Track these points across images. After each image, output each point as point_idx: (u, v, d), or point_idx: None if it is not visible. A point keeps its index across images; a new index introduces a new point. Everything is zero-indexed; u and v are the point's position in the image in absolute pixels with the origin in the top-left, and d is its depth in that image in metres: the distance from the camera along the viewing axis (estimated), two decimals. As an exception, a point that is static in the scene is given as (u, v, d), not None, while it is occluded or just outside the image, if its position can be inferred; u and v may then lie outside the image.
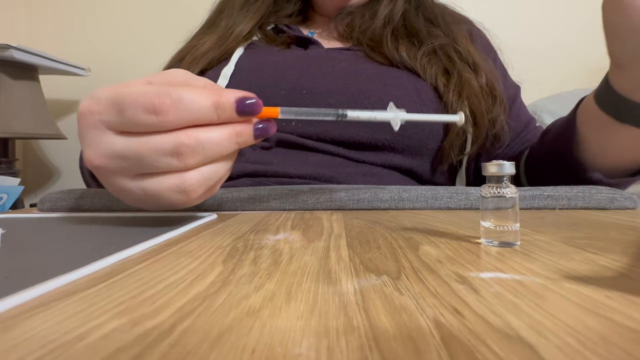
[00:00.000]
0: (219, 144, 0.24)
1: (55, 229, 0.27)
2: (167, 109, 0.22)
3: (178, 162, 0.23)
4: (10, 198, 0.96)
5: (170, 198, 0.24)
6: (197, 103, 0.23)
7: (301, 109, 0.27)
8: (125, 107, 0.22)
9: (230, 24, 0.59)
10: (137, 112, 0.22)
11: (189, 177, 0.24)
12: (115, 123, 0.23)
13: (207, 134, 0.23)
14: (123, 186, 0.25)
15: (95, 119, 0.23)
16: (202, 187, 0.25)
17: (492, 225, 0.20)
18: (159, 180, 0.24)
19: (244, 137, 0.25)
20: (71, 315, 0.12)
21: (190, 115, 0.23)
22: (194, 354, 0.09)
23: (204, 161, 0.24)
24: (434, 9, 0.59)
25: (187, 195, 0.24)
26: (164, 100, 0.22)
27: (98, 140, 0.24)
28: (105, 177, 0.25)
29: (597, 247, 0.20)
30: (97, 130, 0.23)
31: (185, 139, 0.23)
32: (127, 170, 0.24)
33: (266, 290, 0.14)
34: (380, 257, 0.18)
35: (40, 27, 1.48)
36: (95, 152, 0.24)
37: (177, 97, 0.22)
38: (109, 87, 0.24)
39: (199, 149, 0.23)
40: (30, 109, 1.15)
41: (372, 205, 0.36)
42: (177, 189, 0.24)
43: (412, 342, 0.10)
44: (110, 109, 0.23)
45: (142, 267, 0.17)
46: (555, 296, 0.13)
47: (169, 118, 0.22)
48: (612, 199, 0.36)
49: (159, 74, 0.26)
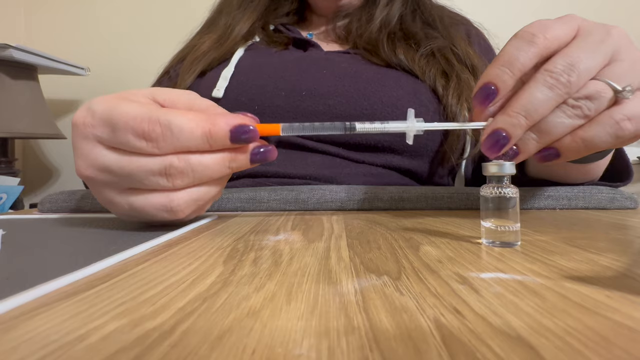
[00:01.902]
0: (210, 168, 0.24)
1: (56, 230, 0.27)
2: (156, 137, 0.22)
3: (166, 182, 0.23)
4: (9, 198, 0.96)
5: (157, 215, 0.24)
6: (186, 132, 0.22)
7: (305, 124, 0.25)
8: (116, 128, 0.22)
9: (229, 23, 0.59)
10: (128, 136, 0.22)
11: (176, 197, 0.24)
12: (107, 140, 0.23)
13: (198, 157, 0.23)
14: (111, 199, 0.25)
15: (89, 132, 0.23)
16: (190, 208, 0.25)
17: (492, 225, 0.20)
18: (146, 197, 0.24)
19: (237, 162, 0.24)
20: (72, 316, 0.12)
21: (179, 144, 0.22)
22: (194, 354, 0.09)
23: (193, 183, 0.24)
24: (432, 11, 0.59)
25: (174, 215, 0.24)
26: (154, 127, 0.22)
27: (88, 152, 0.24)
28: (94, 187, 0.25)
29: (598, 247, 0.20)
30: (89, 142, 0.23)
31: (175, 160, 0.23)
32: (116, 184, 0.24)
33: (267, 291, 0.14)
34: (380, 258, 0.18)
35: (40, 26, 1.48)
36: (85, 162, 0.24)
37: (166, 124, 0.22)
38: (106, 98, 0.24)
39: (189, 171, 0.23)
40: (30, 108, 1.15)
41: (372, 206, 0.36)
42: (164, 207, 0.24)
43: (412, 342, 0.10)
44: (103, 126, 0.23)
45: (142, 268, 0.17)
46: (555, 296, 0.13)
47: (159, 145, 0.22)
48: (612, 199, 0.36)
49: (166, 91, 0.26)
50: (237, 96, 0.49)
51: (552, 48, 0.24)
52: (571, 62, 0.23)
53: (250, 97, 0.49)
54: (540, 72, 0.23)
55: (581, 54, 0.23)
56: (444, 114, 0.48)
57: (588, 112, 0.23)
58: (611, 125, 0.23)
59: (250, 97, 0.49)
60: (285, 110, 0.48)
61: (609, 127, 0.23)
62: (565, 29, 0.25)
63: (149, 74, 0.65)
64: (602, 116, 0.23)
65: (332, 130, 0.26)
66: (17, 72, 1.13)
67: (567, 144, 0.24)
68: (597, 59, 0.23)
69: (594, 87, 0.23)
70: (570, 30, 0.25)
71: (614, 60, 0.24)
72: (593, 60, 0.23)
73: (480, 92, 0.24)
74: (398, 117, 0.46)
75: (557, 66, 0.23)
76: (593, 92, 0.23)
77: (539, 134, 0.24)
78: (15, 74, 1.13)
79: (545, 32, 0.24)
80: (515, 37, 0.25)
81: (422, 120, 0.25)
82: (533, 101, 0.23)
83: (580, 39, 0.24)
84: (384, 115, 0.46)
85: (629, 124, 0.23)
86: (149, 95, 0.25)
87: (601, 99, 0.23)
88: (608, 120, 0.23)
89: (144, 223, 0.29)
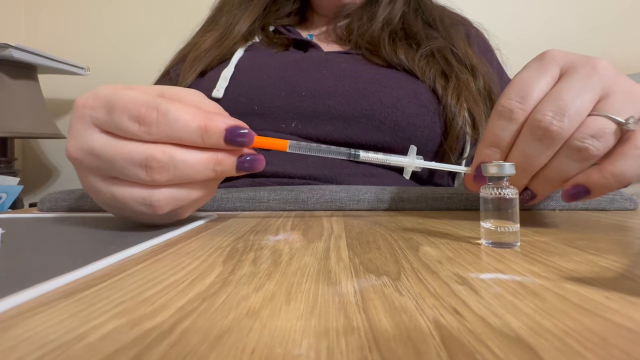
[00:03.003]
0: (193, 168, 0.23)
1: (55, 229, 0.27)
2: (150, 121, 0.22)
3: (145, 175, 0.23)
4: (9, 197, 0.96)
5: (135, 208, 0.24)
6: (182, 122, 0.22)
7: (311, 145, 0.26)
8: (114, 109, 0.22)
9: (230, 21, 0.60)
10: (123, 117, 0.22)
11: (157, 192, 0.23)
12: (102, 122, 0.23)
13: (184, 155, 0.23)
14: (94, 185, 0.25)
15: (86, 113, 0.23)
16: (170, 206, 0.24)
17: (492, 226, 0.20)
18: (127, 189, 0.24)
19: (222, 167, 0.24)
20: (71, 316, 0.12)
21: (172, 133, 0.22)
22: (193, 354, 0.09)
23: (174, 180, 0.23)
24: (433, 11, 0.59)
25: (153, 209, 0.24)
26: (151, 112, 0.22)
27: (81, 134, 0.24)
28: (81, 171, 0.25)
29: (597, 248, 0.20)
30: (85, 124, 0.23)
31: (158, 153, 0.22)
32: (100, 170, 0.24)
33: (266, 291, 0.14)
34: (380, 258, 0.18)
35: (40, 26, 1.48)
36: (76, 143, 0.24)
37: (164, 111, 0.22)
38: (114, 85, 0.24)
39: (170, 167, 0.23)
40: (30, 108, 1.15)
41: (372, 206, 0.36)
42: (143, 200, 0.23)
43: (412, 342, 0.10)
44: (102, 107, 0.23)
45: (141, 268, 0.17)
46: (555, 297, 0.13)
47: (151, 130, 0.22)
48: (612, 200, 0.36)
49: (175, 88, 0.26)
50: (236, 96, 0.49)
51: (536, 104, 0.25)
52: (560, 107, 0.23)
53: (250, 98, 0.49)
54: (528, 124, 0.24)
55: (570, 95, 0.23)
56: (443, 114, 0.48)
57: (597, 151, 0.23)
58: (638, 155, 0.23)
59: (250, 98, 0.49)
60: (284, 111, 0.48)
61: (637, 157, 0.23)
62: (547, 80, 0.25)
63: (149, 73, 0.65)
64: (625, 148, 0.23)
65: (337, 154, 0.27)
66: (16, 72, 1.13)
67: (597, 180, 0.24)
68: (587, 96, 0.23)
69: (595, 124, 0.23)
70: (552, 79, 0.25)
71: (607, 95, 0.24)
72: (583, 98, 0.23)
73: (478, 174, 0.27)
74: (398, 117, 0.46)
75: (546, 114, 0.23)
76: (595, 130, 0.23)
77: (548, 180, 0.25)
78: (14, 74, 1.13)
79: (524, 103, 0.25)
80: (496, 115, 0.26)
81: (421, 158, 0.27)
82: (526, 157, 0.24)
83: (566, 78, 0.24)
84: (384, 115, 0.46)
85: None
86: (157, 90, 0.25)
87: (606, 135, 0.23)
88: (633, 152, 0.23)
89: (143, 222, 0.29)
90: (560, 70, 0.25)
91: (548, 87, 0.25)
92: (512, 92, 0.25)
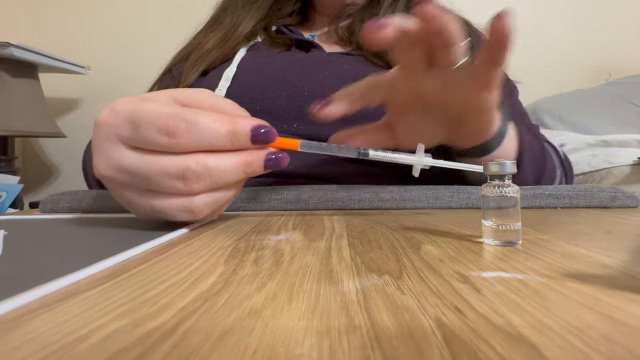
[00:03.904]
0: (227, 173, 0.24)
1: (57, 230, 0.27)
2: (180, 132, 0.22)
3: (184, 186, 0.23)
4: (9, 196, 0.96)
5: (177, 216, 0.25)
6: (212, 129, 0.23)
7: (322, 144, 0.27)
8: (139, 125, 0.23)
9: (234, 22, 0.59)
10: (151, 131, 0.23)
11: (196, 199, 0.24)
12: (129, 139, 0.23)
13: (216, 161, 0.23)
14: (131, 200, 0.25)
15: (111, 132, 0.24)
16: (209, 208, 0.25)
17: (493, 224, 0.20)
18: (166, 200, 0.24)
19: (253, 168, 0.25)
20: (73, 317, 0.12)
21: (203, 141, 0.23)
22: (196, 354, 0.09)
23: (210, 187, 0.24)
24: None
25: (194, 216, 0.25)
26: (179, 123, 0.22)
27: (110, 153, 0.24)
28: (114, 188, 0.26)
29: (599, 246, 0.20)
30: (111, 142, 0.24)
31: (193, 164, 0.23)
32: (135, 185, 0.24)
33: (268, 291, 0.14)
34: (381, 257, 0.18)
35: (40, 25, 1.48)
36: (106, 163, 0.24)
37: (193, 121, 0.23)
38: (129, 99, 0.24)
39: (206, 175, 0.23)
40: (30, 107, 1.15)
41: (373, 205, 0.36)
42: (184, 209, 0.24)
43: (414, 341, 0.10)
44: (125, 124, 0.23)
45: (143, 268, 0.17)
46: (557, 295, 0.13)
47: (181, 141, 0.22)
48: (614, 198, 0.36)
49: (186, 91, 0.26)
50: (239, 96, 0.49)
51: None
52: None
53: (252, 98, 0.49)
54: None
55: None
56: None
57: None
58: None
59: (252, 98, 0.49)
60: (286, 111, 0.48)
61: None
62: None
63: (150, 72, 0.65)
64: None
65: (347, 153, 0.28)
66: (17, 71, 1.13)
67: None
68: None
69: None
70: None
71: None
72: None
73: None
74: None
75: None
76: None
77: None
78: (15, 72, 1.13)
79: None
80: None
81: (430, 156, 0.28)
82: None
83: None
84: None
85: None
86: (170, 96, 0.26)
87: None
88: None
89: (145, 222, 0.29)
90: None
91: None
92: None
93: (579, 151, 0.87)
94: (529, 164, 0.41)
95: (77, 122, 1.45)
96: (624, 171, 0.75)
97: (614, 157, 0.78)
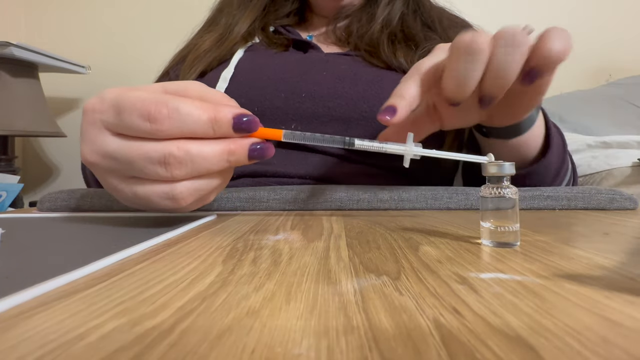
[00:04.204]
0: (209, 160, 0.24)
1: (55, 229, 0.27)
2: (161, 117, 0.22)
3: (165, 172, 0.23)
4: (9, 195, 0.96)
5: (160, 203, 0.25)
6: (194, 116, 0.23)
7: (306, 134, 0.27)
8: (122, 110, 0.23)
9: (230, 22, 0.59)
10: (133, 116, 0.23)
11: (178, 186, 0.24)
12: (113, 124, 0.24)
13: (198, 148, 0.23)
14: (115, 185, 0.25)
15: (96, 118, 0.24)
16: (192, 196, 0.25)
17: (492, 225, 0.20)
18: (149, 186, 0.24)
19: (236, 156, 0.25)
20: (71, 315, 0.12)
21: (184, 127, 0.23)
22: (193, 353, 0.09)
23: (192, 174, 0.24)
24: (431, 12, 0.59)
25: (177, 203, 0.25)
26: (160, 109, 0.22)
27: (94, 138, 0.24)
28: (100, 174, 0.26)
29: (597, 247, 0.20)
30: (96, 128, 0.24)
31: (174, 149, 0.23)
32: (119, 171, 0.25)
33: (266, 291, 0.14)
34: (380, 258, 0.18)
35: (41, 24, 1.48)
36: (91, 148, 0.24)
37: (174, 107, 0.23)
38: (117, 88, 0.25)
39: (187, 161, 0.23)
40: (30, 106, 1.15)
41: (371, 206, 0.36)
42: (166, 195, 0.24)
43: (411, 342, 0.10)
44: (110, 110, 0.24)
45: (141, 267, 0.17)
46: (554, 296, 0.13)
47: (163, 127, 0.23)
48: (611, 200, 0.36)
49: (176, 83, 0.26)
50: (236, 98, 0.49)
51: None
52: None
53: (250, 99, 0.49)
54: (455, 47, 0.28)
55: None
56: None
57: (524, 38, 0.27)
58: (557, 30, 0.27)
59: (250, 99, 0.49)
60: (284, 112, 0.48)
61: (558, 31, 0.27)
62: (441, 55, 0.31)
63: (150, 72, 0.65)
64: (545, 32, 0.27)
65: (332, 142, 0.27)
66: (17, 70, 1.13)
67: (538, 56, 0.27)
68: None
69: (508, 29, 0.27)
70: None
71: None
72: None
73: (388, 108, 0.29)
74: None
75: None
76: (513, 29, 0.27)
77: (496, 76, 0.28)
78: (15, 72, 1.13)
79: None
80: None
81: (420, 145, 0.26)
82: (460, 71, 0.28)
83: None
84: None
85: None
86: (160, 88, 0.26)
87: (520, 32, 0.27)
88: (553, 30, 0.27)
89: (146, 221, 0.29)
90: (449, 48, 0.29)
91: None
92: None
93: (579, 153, 0.87)
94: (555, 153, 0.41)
95: (77, 122, 1.44)
96: (624, 172, 0.75)
97: (614, 159, 0.78)
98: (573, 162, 0.49)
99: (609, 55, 1.39)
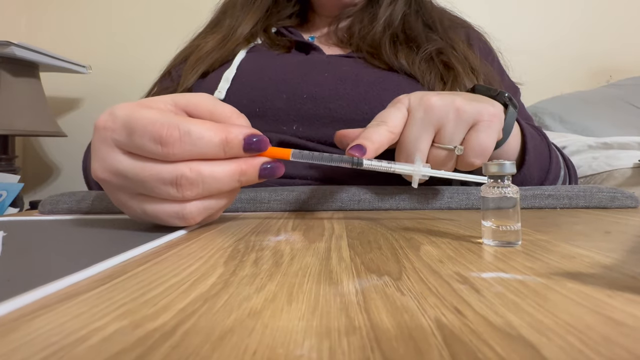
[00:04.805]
0: (220, 181, 0.24)
1: (56, 231, 0.27)
2: (173, 141, 0.23)
3: (176, 193, 0.23)
4: (9, 195, 0.96)
5: (168, 221, 0.25)
6: (205, 138, 0.23)
7: (314, 153, 0.27)
8: (134, 132, 0.23)
9: (233, 24, 0.59)
10: (144, 139, 0.23)
11: (188, 206, 0.24)
12: (124, 144, 0.24)
13: (210, 169, 0.24)
14: (125, 202, 0.26)
15: (107, 135, 0.24)
16: (201, 216, 0.25)
17: (493, 225, 0.20)
18: (159, 205, 0.24)
19: (247, 177, 0.25)
20: (73, 318, 0.12)
21: (196, 150, 0.23)
22: (195, 355, 0.09)
23: (203, 194, 0.24)
24: (432, 13, 0.59)
25: (186, 222, 0.25)
26: (172, 132, 0.23)
27: (105, 156, 0.24)
28: (109, 190, 0.26)
29: (599, 246, 0.20)
30: (107, 146, 0.24)
31: (187, 171, 0.23)
32: (129, 189, 0.25)
33: (267, 292, 0.14)
34: (381, 258, 0.18)
35: (41, 24, 1.48)
36: (102, 166, 0.25)
37: (185, 130, 0.23)
38: (129, 104, 0.25)
39: (199, 182, 0.24)
40: (31, 106, 1.15)
41: (372, 206, 0.36)
42: (176, 215, 0.25)
43: (413, 342, 0.10)
44: (122, 129, 0.24)
45: (143, 269, 0.17)
46: (556, 295, 0.13)
47: (174, 150, 0.23)
48: (613, 198, 0.36)
49: (186, 96, 0.26)
50: (238, 98, 0.49)
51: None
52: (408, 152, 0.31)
53: (252, 100, 0.49)
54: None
55: (411, 139, 0.31)
56: None
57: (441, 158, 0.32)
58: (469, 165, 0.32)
59: (252, 100, 0.49)
60: (286, 113, 0.48)
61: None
62: (399, 115, 0.32)
63: (151, 72, 0.65)
64: (464, 155, 0.31)
65: (340, 162, 0.27)
66: (18, 70, 1.13)
67: (462, 161, 0.32)
68: (424, 136, 0.31)
69: (435, 155, 0.32)
70: (403, 116, 0.32)
71: (440, 127, 0.31)
72: (422, 139, 0.31)
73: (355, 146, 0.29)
74: None
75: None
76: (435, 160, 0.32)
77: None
78: (16, 72, 1.13)
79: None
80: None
81: (428, 166, 0.27)
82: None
83: (408, 124, 0.32)
84: None
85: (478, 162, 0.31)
86: (170, 101, 0.26)
87: (442, 157, 0.32)
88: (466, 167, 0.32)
89: (148, 223, 0.29)
90: (407, 110, 0.32)
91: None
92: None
93: (580, 153, 0.87)
94: (534, 162, 0.41)
95: (77, 122, 1.45)
96: (625, 173, 0.75)
97: (614, 160, 0.78)
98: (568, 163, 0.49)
99: (610, 56, 1.39)
